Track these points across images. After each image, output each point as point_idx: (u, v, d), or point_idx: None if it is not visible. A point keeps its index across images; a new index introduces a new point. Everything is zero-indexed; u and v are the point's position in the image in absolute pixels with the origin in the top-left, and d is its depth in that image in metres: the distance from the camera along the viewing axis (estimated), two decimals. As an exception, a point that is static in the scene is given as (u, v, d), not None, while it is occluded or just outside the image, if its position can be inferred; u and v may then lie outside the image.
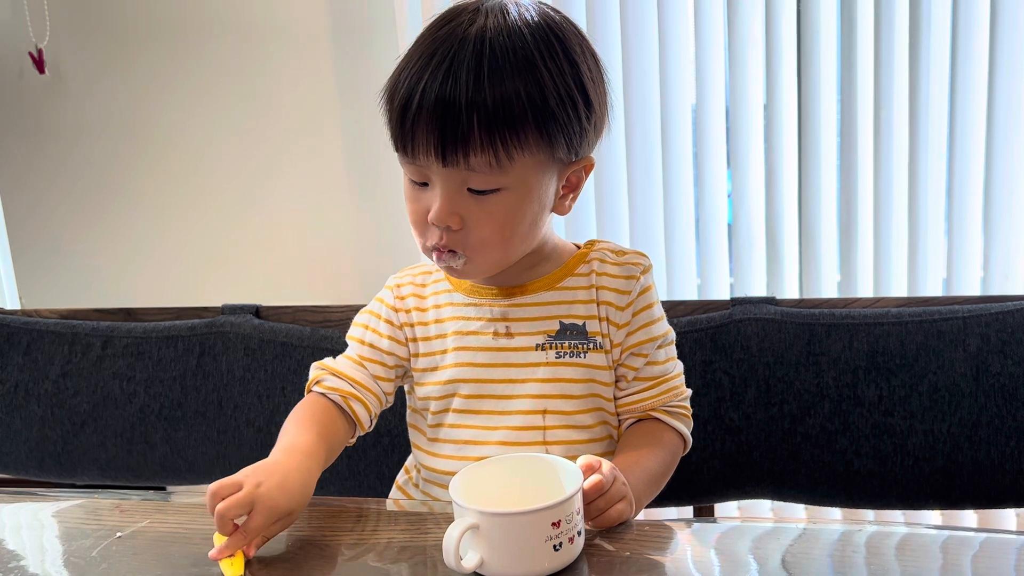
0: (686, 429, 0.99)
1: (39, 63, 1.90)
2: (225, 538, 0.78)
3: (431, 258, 0.94)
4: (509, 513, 0.72)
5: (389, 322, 1.02)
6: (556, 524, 0.72)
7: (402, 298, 1.02)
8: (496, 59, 0.84)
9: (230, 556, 0.77)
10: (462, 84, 0.83)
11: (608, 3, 1.71)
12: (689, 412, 1.00)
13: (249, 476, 0.80)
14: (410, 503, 0.99)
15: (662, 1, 1.69)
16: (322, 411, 0.95)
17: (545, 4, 0.93)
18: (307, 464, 0.85)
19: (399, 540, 0.81)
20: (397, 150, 0.90)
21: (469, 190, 0.87)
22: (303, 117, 1.88)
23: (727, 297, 1.30)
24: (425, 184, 0.90)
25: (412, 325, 1.01)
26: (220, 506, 0.77)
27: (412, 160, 0.88)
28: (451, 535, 0.71)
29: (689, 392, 1.01)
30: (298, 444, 0.88)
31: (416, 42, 0.90)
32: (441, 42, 0.86)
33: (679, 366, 1.01)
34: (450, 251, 0.90)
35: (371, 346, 1.01)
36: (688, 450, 1.00)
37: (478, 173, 0.86)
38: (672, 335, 1.01)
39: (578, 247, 1.01)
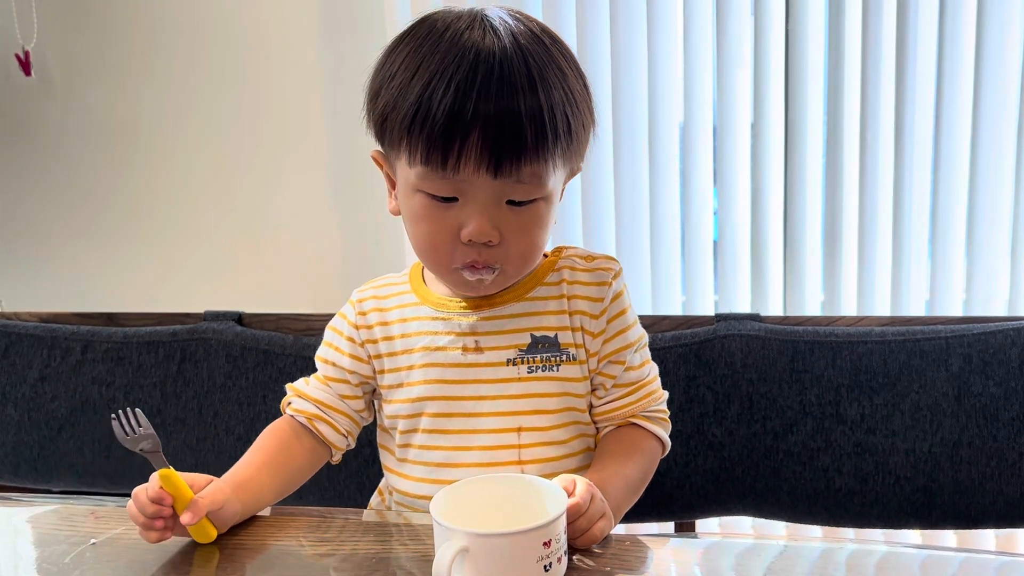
0: (665, 433, 0.98)
1: (25, 65, 1.88)
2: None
3: (458, 276, 0.88)
4: (502, 534, 0.69)
5: (351, 340, 0.99)
6: (547, 544, 0.70)
7: (364, 314, 0.99)
8: (540, 68, 0.82)
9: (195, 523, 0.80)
10: (519, 94, 0.80)
11: (597, 21, 1.72)
12: (667, 414, 0.99)
13: None
14: (369, 514, 0.98)
15: (651, 19, 1.70)
16: (280, 438, 0.96)
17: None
18: (235, 493, 0.86)
19: (370, 552, 0.81)
20: (425, 164, 0.82)
21: (508, 203, 0.84)
22: (290, 123, 1.87)
23: (711, 313, 1.31)
24: (452, 199, 0.84)
25: (375, 341, 0.98)
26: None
27: (451, 175, 0.82)
28: (442, 560, 0.68)
29: (666, 395, 0.99)
30: (234, 477, 0.89)
31: (415, 55, 0.83)
32: (464, 54, 0.81)
33: (655, 369, 1.00)
34: (486, 266, 0.87)
35: (334, 365, 1.00)
36: (667, 452, 0.99)
37: (523, 184, 0.83)
38: (646, 337, 0.99)
39: (545, 255, 0.98)
